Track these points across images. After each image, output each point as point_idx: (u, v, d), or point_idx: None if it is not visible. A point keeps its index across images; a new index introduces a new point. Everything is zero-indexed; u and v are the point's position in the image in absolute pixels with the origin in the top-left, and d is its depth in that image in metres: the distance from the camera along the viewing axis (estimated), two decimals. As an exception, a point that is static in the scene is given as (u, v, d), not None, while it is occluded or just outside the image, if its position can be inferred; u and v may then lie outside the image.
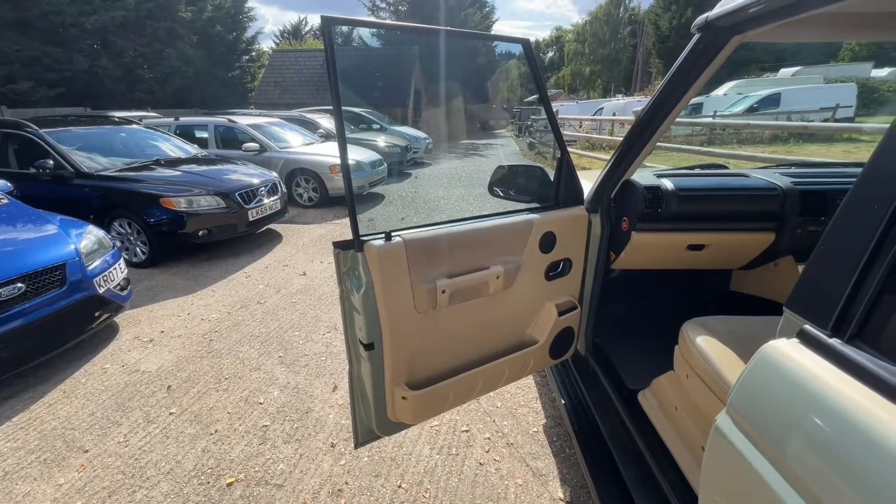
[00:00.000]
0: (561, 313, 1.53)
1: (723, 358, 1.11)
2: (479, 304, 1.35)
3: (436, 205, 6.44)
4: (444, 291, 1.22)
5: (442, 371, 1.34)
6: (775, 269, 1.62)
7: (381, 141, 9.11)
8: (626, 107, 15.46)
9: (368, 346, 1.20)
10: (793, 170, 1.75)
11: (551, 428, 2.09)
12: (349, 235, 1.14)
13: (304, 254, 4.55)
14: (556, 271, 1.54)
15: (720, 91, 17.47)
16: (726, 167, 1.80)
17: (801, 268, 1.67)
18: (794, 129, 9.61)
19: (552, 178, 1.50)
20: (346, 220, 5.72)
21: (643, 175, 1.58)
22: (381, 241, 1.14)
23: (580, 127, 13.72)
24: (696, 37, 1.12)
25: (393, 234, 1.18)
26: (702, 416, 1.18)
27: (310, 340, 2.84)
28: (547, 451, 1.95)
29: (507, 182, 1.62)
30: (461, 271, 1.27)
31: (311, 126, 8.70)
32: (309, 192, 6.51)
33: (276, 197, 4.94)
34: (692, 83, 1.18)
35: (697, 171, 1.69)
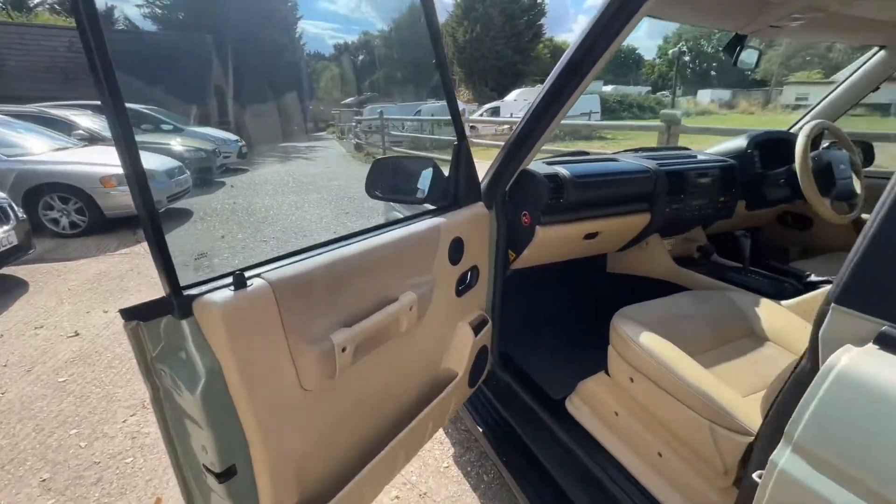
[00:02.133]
0: (476, 332, 1.27)
1: (673, 356, 1.02)
2: (388, 349, 0.97)
3: (265, 216, 5.50)
4: (344, 349, 0.80)
5: (349, 463, 0.91)
6: (647, 247, 1.71)
7: (178, 144, 7.36)
8: (442, 108, 16.75)
9: (225, 475, 0.69)
10: (633, 153, 1.89)
11: (461, 456, 1.83)
12: (149, 278, 0.61)
13: (73, 304, 3.17)
14: (464, 284, 1.26)
15: (510, 97, 20.50)
16: (589, 153, 1.83)
17: (667, 243, 1.82)
18: (597, 128, 12.32)
19: (449, 172, 1.21)
20: (139, 249, 4.32)
21: (535, 165, 1.44)
22: (228, 292, 0.65)
23: (402, 128, 14.06)
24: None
25: (249, 274, 0.70)
26: (655, 419, 1.08)
27: (99, 437, 1.89)
28: (465, 486, 1.69)
29: (391, 179, 1.26)
30: (363, 311, 0.87)
31: (62, 126, 6.40)
32: (70, 216, 4.71)
33: (6, 228, 3.33)
34: (601, 55, 1.04)
35: (575, 157, 1.65)
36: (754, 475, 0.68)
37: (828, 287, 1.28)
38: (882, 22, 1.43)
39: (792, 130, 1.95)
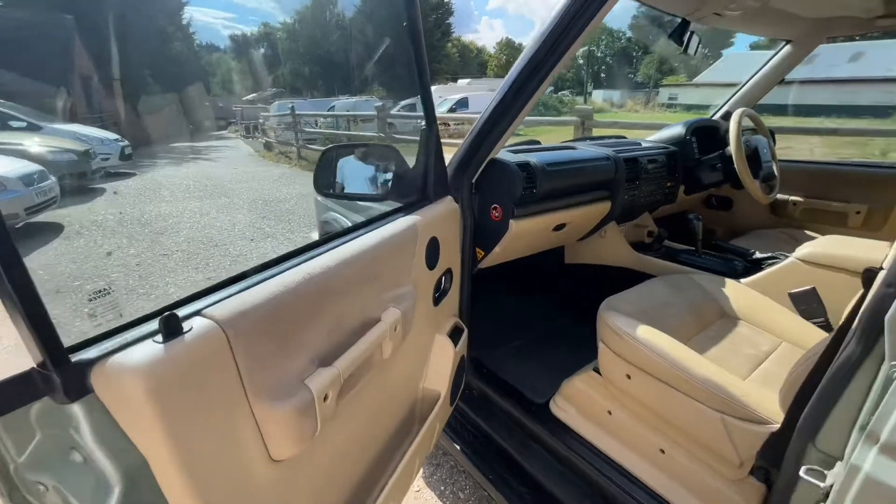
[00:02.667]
0: (455, 343, 1.12)
1: (673, 348, 0.97)
2: (369, 382, 0.78)
3: (163, 226, 4.74)
4: (326, 397, 0.60)
5: None
6: (605, 236, 1.69)
7: (37, 145, 6.06)
8: (355, 104, 16.17)
9: None
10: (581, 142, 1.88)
11: (432, 476, 1.68)
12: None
13: None
14: (440, 290, 1.11)
15: (426, 95, 20.51)
16: (540, 142, 1.77)
17: (623, 230, 1.83)
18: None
19: (416, 162, 1.04)
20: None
21: (502, 154, 1.32)
22: (153, 346, 0.42)
23: (316, 125, 13.30)
24: None
25: (184, 312, 0.47)
26: (655, 415, 1.03)
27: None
28: (441, 510, 1.54)
29: (346, 173, 1.05)
30: (343, 341, 0.67)
31: None
32: None
33: None
34: (579, 33, 0.94)
35: (531, 146, 1.57)
36: (804, 471, 0.64)
37: (787, 262, 1.36)
38: (797, 18, 1.56)
39: (715, 118, 2.09)
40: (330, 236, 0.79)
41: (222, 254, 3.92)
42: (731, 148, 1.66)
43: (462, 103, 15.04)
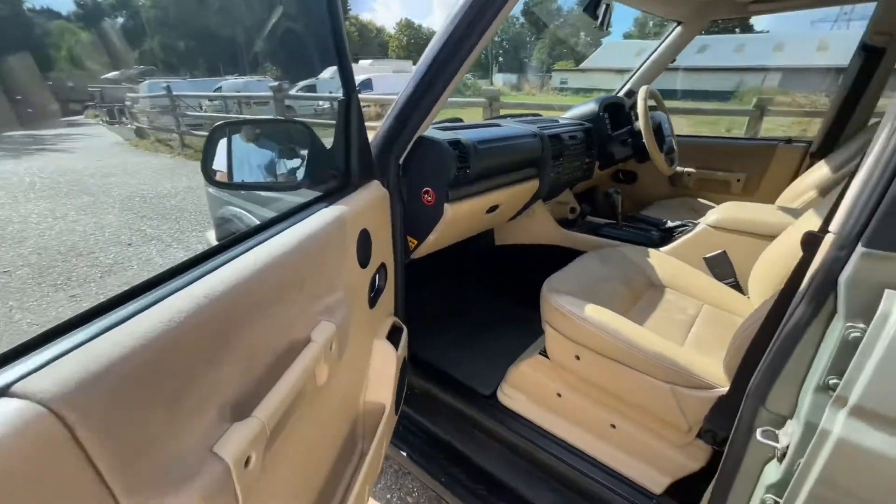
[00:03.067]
0: (396, 345, 1.00)
1: (620, 325, 0.96)
2: (302, 414, 0.63)
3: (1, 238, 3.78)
4: (248, 461, 0.44)
5: None
6: (533, 214, 1.68)
7: None
8: (247, 85, 14.69)
9: None
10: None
11: (376, 485, 1.56)
12: None
13: None
14: (374, 289, 0.97)
15: (326, 75, 19.33)
16: (462, 120, 1.69)
17: (548, 207, 1.83)
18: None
19: (334, 141, 0.87)
20: None
21: (430, 132, 1.20)
22: None
23: (201, 108, 11.74)
24: None
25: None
26: (606, 393, 1.03)
27: None
28: (390, 522, 1.43)
29: (246, 157, 0.85)
30: (264, 374, 0.51)
31: None
32: None
33: None
34: None
35: (455, 124, 1.47)
36: (759, 433, 0.65)
37: (699, 229, 1.45)
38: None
39: (619, 96, 2.20)
40: (232, 239, 0.61)
41: (89, 264, 3.23)
42: (640, 123, 1.74)
43: (366, 84, 14.39)
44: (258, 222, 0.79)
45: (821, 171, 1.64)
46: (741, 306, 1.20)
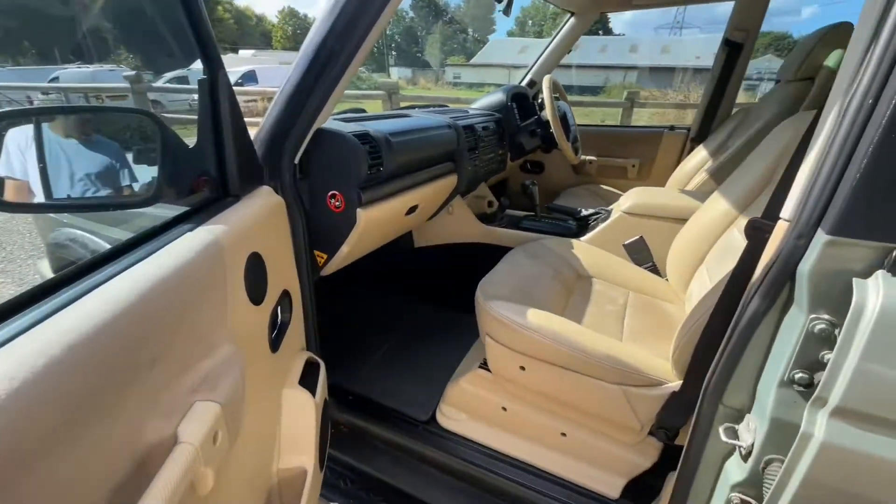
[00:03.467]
0: (313, 390, 0.81)
1: (564, 329, 0.89)
2: None
3: None
4: None
5: None
6: (453, 212, 1.57)
7: None
8: (95, 74, 12.33)
9: None
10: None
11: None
12: None
13: None
14: (277, 325, 0.76)
15: (199, 65, 17.22)
16: (366, 111, 1.50)
17: (466, 203, 1.72)
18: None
19: (198, 135, 0.64)
20: None
21: (330, 124, 1.00)
22: None
23: (31, 102, 9.57)
24: None
25: None
26: (555, 401, 0.95)
27: None
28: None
29: (65, 161, 0.59)
30: None
31: None
32: None
33: None
34: None
35: (358, 115, 1.29)
36: (722, 430, 0.62)
37: (615, 216, 1.46)
38: None
39: (522, 86, 2.19)
40: (61, 279, 0.38)
41: None
42: (547, 112, 1.73)
43: (249, 77, 12.99)
44: (108, 248, 0.54)
45: (700, 155, 1.79)
46: (662, 289, 1.22)
